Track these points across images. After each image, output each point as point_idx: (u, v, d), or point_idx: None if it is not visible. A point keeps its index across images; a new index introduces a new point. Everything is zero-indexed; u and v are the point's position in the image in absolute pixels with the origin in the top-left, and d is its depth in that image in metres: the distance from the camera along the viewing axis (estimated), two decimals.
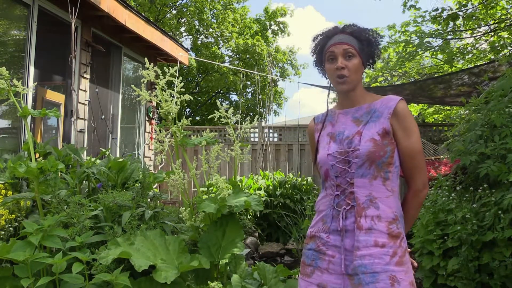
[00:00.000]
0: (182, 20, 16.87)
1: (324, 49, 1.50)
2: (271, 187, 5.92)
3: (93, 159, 2.75)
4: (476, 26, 7.84)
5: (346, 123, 1.48)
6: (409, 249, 1.44)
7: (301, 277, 1.49)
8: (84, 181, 2.61)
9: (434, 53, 8.36)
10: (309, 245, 1.48)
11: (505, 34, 7.68)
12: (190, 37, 17.08)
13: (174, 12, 16.53)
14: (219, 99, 15.10)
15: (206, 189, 2.42)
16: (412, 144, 1.42)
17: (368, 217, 1.36)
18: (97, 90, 5.72)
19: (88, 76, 5.45)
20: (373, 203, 1.38)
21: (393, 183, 1.41)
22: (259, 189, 5.83)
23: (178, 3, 16.18)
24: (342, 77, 1.44)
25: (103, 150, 3.02)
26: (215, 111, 2.26)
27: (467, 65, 8.48)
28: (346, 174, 1.41)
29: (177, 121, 2.18)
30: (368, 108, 1.47)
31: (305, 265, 1.49)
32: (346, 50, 1.44)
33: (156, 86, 2.15)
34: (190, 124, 2.27)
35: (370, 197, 1.38)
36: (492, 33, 7.85)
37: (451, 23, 7.37)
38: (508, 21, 7.49)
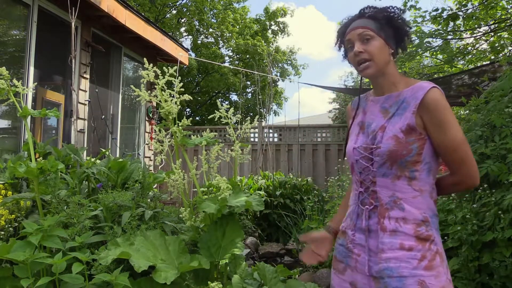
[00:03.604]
0: (182, 20, 16.86)
1: (344, 40, 1.41)
2: (271, 187, 5.92)
3: (93, 159, 2.75)
4: (476, 26, 7.83)
5: (375, 113, 1.38)
6: None
7: (333, 271, 1.45)
8: (84, 181, 2.60)
9: (434, 53, 8.36)
10: (340, 240, 1.43)
11: (505, 34, 7.68)
12: (190, 37, 17.08)
13: (174, 12, 16.53)
14: (219, 99, 15.10)
15: (206, 189, 2.42)
16: (451, 138, 1.26)
17: (392, 219, 1.28)
18: (97, 90, 5.72)
19: (88, 76, 5.44)
20: (397, 204, 1.28)
21: (421, 182, 1.29)
22: (259, 189, 5.83)
23: (178, 3, 16.18)
24: (364, 62, 1.33)
25: (103, 150, 3.02)
26: (215, 111, 2.26)
27: (467, 66, 8.49)
28: (369, 171, 1.33)
29: (177, 121, 2.18)
30: (398, 97, 1.33)
31: (337, 260, 1.44)
32: (361, 34, 1.33)
33: (156, 86, 2.15)
34: (190, 124, 2.26)
35: (394, 198, 1.29)
36: (492, 33, 7.85)
37: (451, 23, 7.36)
38: (508, 21, 7.49)
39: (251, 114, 16.58)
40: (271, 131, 8.53)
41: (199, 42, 16.99)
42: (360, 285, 1.34)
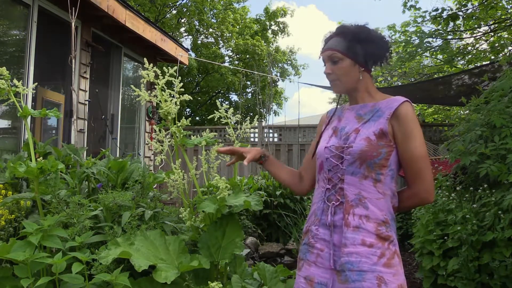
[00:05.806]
0: (182, 20, 16.87)
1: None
2: (271, 187, 5.92)
3: (93, 159, 2.74)
4: (476, 26, 7.84)
5: (349, 119, 1.49)
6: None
7: (296, 272, 1.52)
8: (84, 181, 2.60)
9: (434, 53, 8.36)
10: (304, 240, 1.50)
11: (505, 34, 7.69)
12: (190, 37, 17.09)
13: (174, 12, 16.54)
14: (219, 99, 15.11)
15: (206, 189, 2.42)
16: (412, 149, 1.38)
17: (356, 216, 1.36)
18: (97, 90, 5.72)
19: (88, 76, 5.44)
20: (362, 202, 1.37)
21: (385, 186, 1.39)
22: (259, 189, 5.82)
23: (178, 3, 16.19)
24: (332, 81, 1.50)
25: (103, 150, 3.02)
26: (215, 111, 2.25)
27: (467, 66, 8.49)
28: (337, 169, 1.42)
29: (176, 121, 2.18)
30: (373, 106, 1.46)
31: (299, 260, 1.51)
32: (330, 56, 1.48)
33: (156, 86, 2.14)
34: (190, 124, 2.26)
35: (360, 196, 1.37)
36: (492, 33, 7.85)
37: (451, 23, 7.37)
38: (508, 21, 7.50)
39: (251, 114, 16.59)
40: (271, 131, 8.53)
41: (199, 42, 17.00)
42: (319, 279, 1.40)
